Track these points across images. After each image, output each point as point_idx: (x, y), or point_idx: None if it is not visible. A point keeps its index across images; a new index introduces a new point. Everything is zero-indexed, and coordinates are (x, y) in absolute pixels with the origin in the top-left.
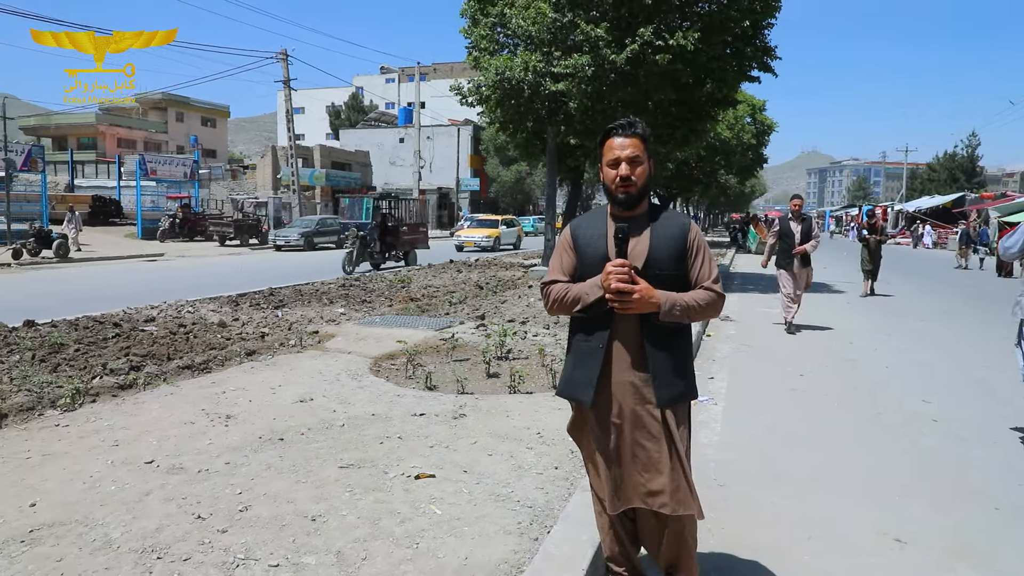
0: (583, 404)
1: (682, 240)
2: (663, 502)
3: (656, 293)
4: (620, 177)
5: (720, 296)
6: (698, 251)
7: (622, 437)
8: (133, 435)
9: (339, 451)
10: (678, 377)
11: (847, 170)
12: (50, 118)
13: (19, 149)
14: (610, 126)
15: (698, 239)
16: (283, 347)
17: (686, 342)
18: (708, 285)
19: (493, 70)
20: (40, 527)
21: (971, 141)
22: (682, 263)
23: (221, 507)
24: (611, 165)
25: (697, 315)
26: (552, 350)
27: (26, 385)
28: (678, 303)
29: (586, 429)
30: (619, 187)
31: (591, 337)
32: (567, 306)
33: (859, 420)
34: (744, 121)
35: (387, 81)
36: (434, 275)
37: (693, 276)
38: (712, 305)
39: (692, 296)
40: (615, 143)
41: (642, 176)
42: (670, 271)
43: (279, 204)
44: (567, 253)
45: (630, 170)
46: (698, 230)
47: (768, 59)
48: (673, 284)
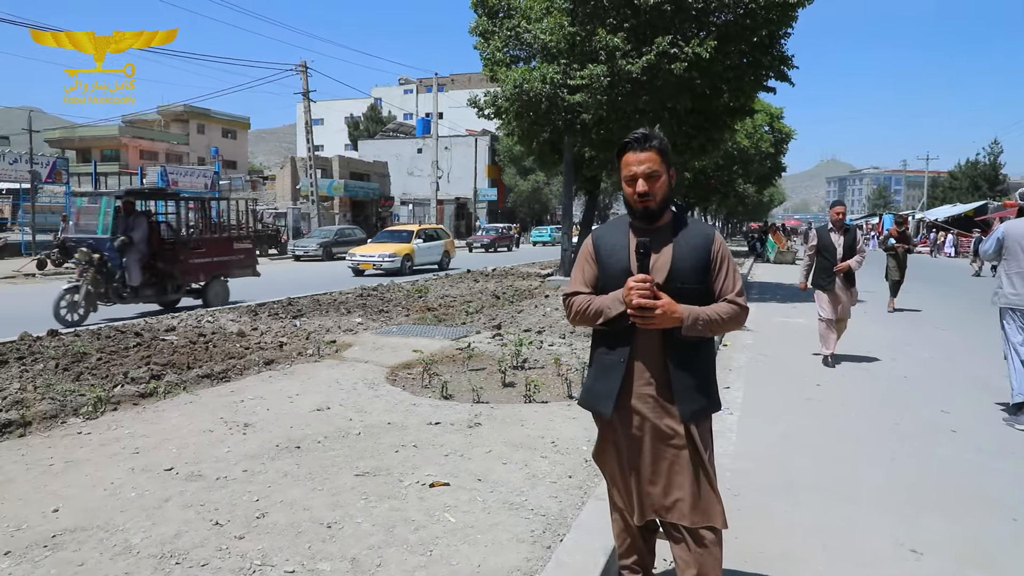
0: (603, 416)
1: (705, 252)
2: (682, 513)
3: (678, 308)
4: (638, 193)
5: (744, 309)
6: (722, 263)
7: (643, 450)
8: (153, 443)
9: (355, 459)
10: (701, 392)
11: (867, 179)
12: (74, 131)
13: (44, 161)
14: (625, 140)
15: (722, 250)
16: (301, 356)
17: (709, 356)
18: (731, 298)
19: (511, 82)
20: (62, 532)
21: (993, 149)
22: (705, 275)
23: (238, 514)
24: (628, 182)
25: (720, 328)
26: (568, 360)
27: (49, 393)
28: (701, 317)
29: (608, 447)
30: (638, 202)
31: (613, 351)
32: (589, 319)
33: (876, 430)
34: (762, 130)
35: (405, 92)
36: (451, 285)
37: (717, 288)
38: (735, 318)
39: (715, 309)
40: (631, 159)
41: (661, 189)
42: (693, 284)
43: (298, 214)
44: (589, 264)
45: (647, 186)
46: (722, 241)
47: (785, 68)
48: (696, 297)
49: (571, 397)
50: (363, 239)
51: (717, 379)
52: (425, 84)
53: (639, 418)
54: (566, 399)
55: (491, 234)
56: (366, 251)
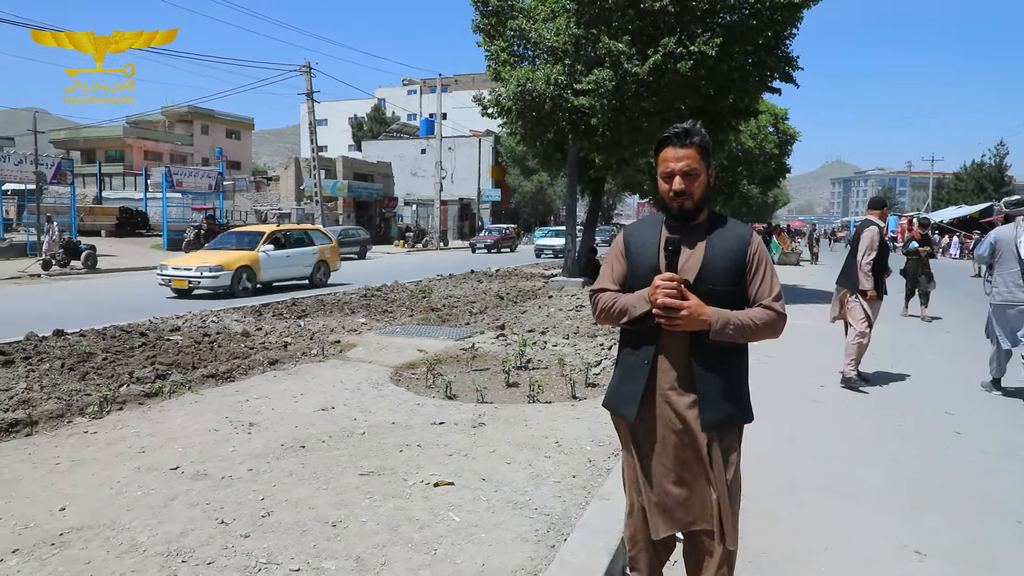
0: (625, 419)
1: (740, 253)
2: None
3: (707, 310)
4: (674, 191)
5: (781, 316)
6: (758, 266)
7: (666, 456)
8: (159, 442)
9: (359, 459)
10: (728, 400)
11: (872, 180)
12: (79, 131)
13: (49, 162)
14: (664, 134)
15: (759, 253)
16: (305, 356)
17: (740, 362)
18: (768, 303)
19: (514, 82)
20: (69, 530)
21: (999, 150)
22: (739, 278)
23: (244, 512)
24: (665, 178)
25: (753, 335)
26: (572, 360)
27: (56, 393)
28: (732, 321)
29: (630, 451)
30: (674, 200)
31: (638, 351)
32: (614, 317)
33: (880, 432)
34: (767, 131)
35: (409, 93)
36: (455, 285)
37: (752, 292)
38: (771, 325)
39: (748, 315)
40: (669, 155)
41: (699, 188)
42: (725, 286)
43: (302, 215)
44: (618, 261)
45: (685, 184)
46: (760, 243)
47: (790, 69)
48: (728, 300)
49: (575, 397)
50: (367, 240)
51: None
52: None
53: (662, 423)
54: (570, 399)
55: (494, 235)
56: (184, 262)
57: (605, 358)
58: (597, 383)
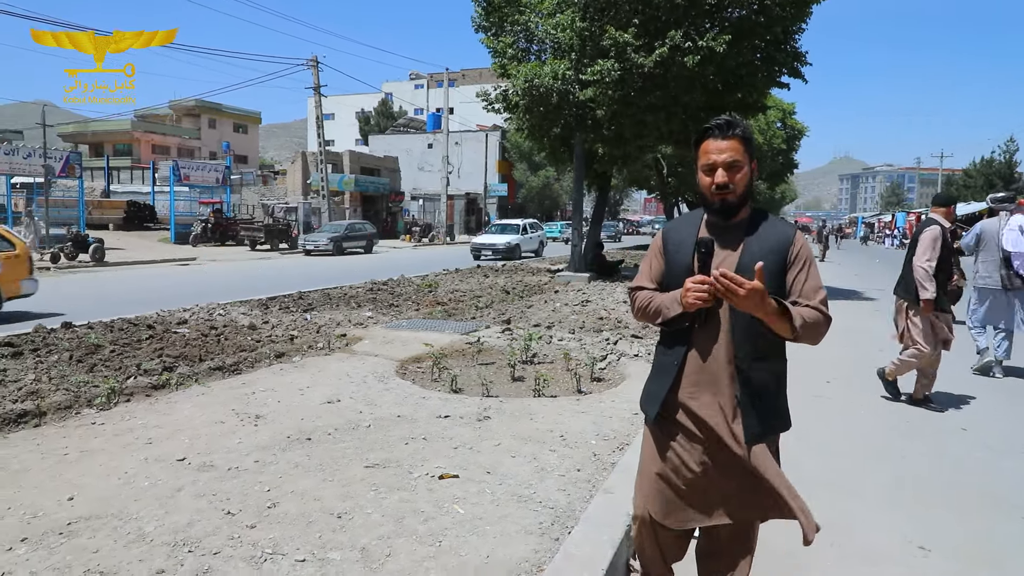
0: (648, 417)
1: (781, 254)
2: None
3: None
4: (716, 184)
5: (827, 318)
6: (803, 266)
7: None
8: (166, 433)
9: (365, 451)
10: (770, 408)
11: (880, 176)
12: (87, 125)
13: (57, 156)
14: (706, 126)
15: (803, 252)
16: (311, 350)
17: (782, 367)
18: (816, 304)
19: (522, 77)
20: (77, 520)
21: (1009, 147)
22: (779, 281)
23: (250, 503)
24: (706, 171)
25: (803, 335)
26: (577, 355)
27: (64, 384)
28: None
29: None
30: (715, 194)
31: (670, 351)
32: (649, 316)
33: (885, 427)
34: (775, 126)
35: (416, 87)
36: (461, 280)
37: (796, 291)
38: (819, 326)
39: (802, 312)
40: (711, 146)
41: (743, 182)
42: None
43: (309, 209)
44: (656, 259)
45: (728, 176)
46: (804, 241)
47: (799, 64)
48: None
49: (580, 392)
50: (373, 234)
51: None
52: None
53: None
54: (575, 393)
55: None
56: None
57: (611, 353)
58: (603, 378)
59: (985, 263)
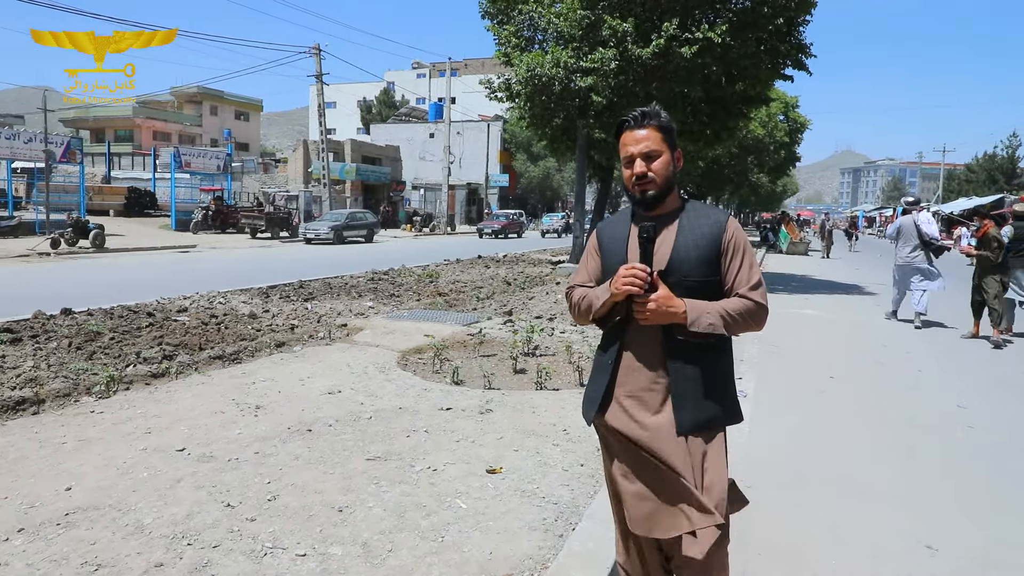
0: (586, 422)
1: (714, 240)
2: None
3: (677, 301)
4: (635, 175)
5: (759, 306)
6: (735, 252)
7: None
8: (165, 423)
9: (366, 443)
10: (708, 400)
11: (882, 170)
12: (88, 111)
13: (58, 141)
14: (622, 118)
15: (736, 238)
16: (312, 339)
17: (721, 359)
18: (744, 292)
19: (524, 66)
20: (75, 511)
21: (1012, 142)
22: (714, 268)
23: (250, 496)
24: (626, 163)
25: (734, 328)
26: (579, 347)
27: (63, 372)
28: (708, 312)
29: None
30: (636, 186)
31: (605, 351)
32: (582, 313)
33: (891, 424)
34: (777, 119)
35: (418, 76)
36: (462, 270)
37: (729, 281)
38: (751, 316)
39: (724, 305)
40: (627, 138)
41: (662, 170)
42: (699, 277)
43: (310, 198)
44: (592, 257)
45: (645, 166)
46: (737, 227)
47: (803, 56)
48: (705, 292)
49: (582, 385)
50: (374, 223)
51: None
52: (438, 68)
53: (627, 426)
54: (577, 386)
55: (501, 220)
56: None
57: None
58: None
59: (903, 248)
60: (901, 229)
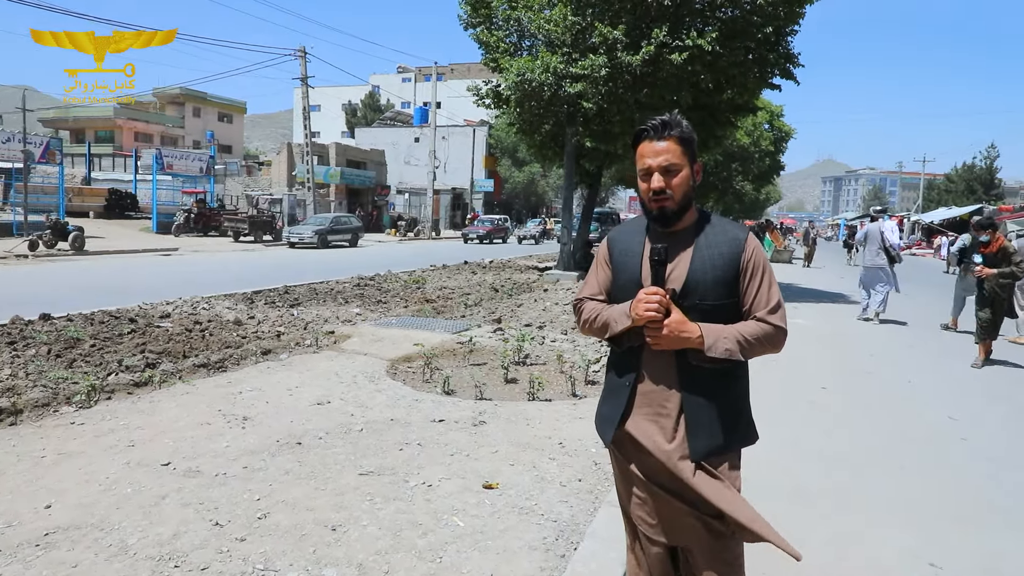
0: (603, 443)
1: (733, 260)
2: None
3: (691, 326)
4: (652, 190)
5: (778, 330)
6: (754, 273)
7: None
8: (149, 435)
9: (358, 457)
10: (723, 425)
11: (863, 179)
12: (69, 111)
13: (38, 141)
14: (640, 127)
15: (755, 257)
16: (299, 347)
17: (737, 383)
18: (762, 316)
19: (514, 71)
20: (55, 530)
21: (990, 153)
22: (731, 290)
23: (239, 513)
24: (643, 176)
25: (748, 352)
26: (571, 356)
27: (42, 380)
28: (725, 338)
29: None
30: (652, 201)
31: (620, 371)
32: (596, 330)
33: (884, 436)
34: (762, 127)
35: (404, 80)
36: (449, 276)
37: (747, 303)
38: (768, 340)
39: (741, 329)
40: (646, 149)
41: (680, 186)
42: (715, 300)
43: (294, 201)
44: (603, 268)
45: (664, 181)
46: (756, 245)
47: (791, 66)
48: (720, 316)
49: (575, 395)
50: (358, 227)
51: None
52: (424, 73)
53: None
54: (570, 397)
55: (486, 225)
56: None
57: (605, 355)
58: (597, 380)
59: (868, 252)
60: (868, 235)
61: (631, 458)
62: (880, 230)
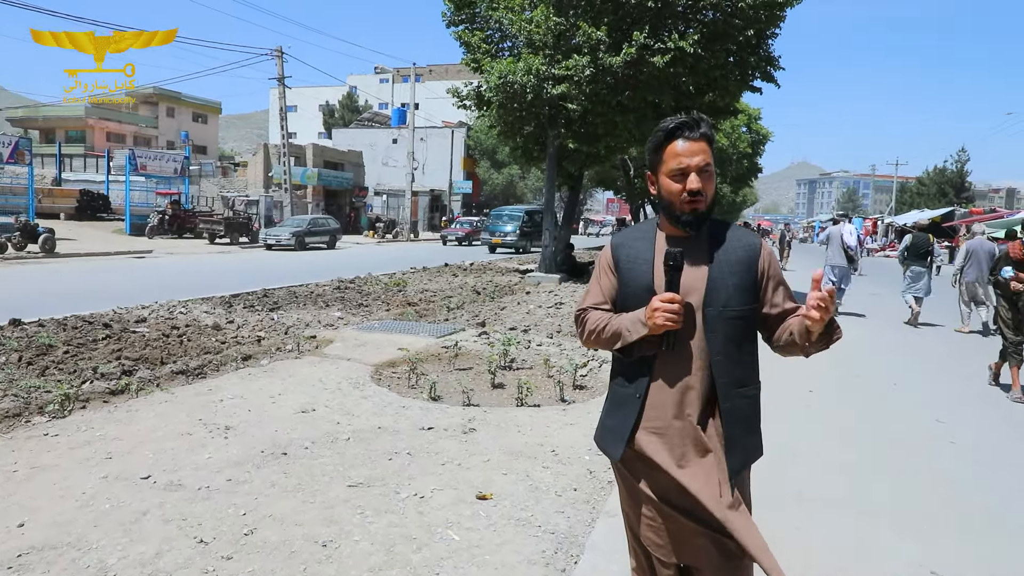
0: (612, 458)
1: (750, 265)
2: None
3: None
4: (689, 191)
5: None
6: (772, 277)
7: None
8: (127, 447)
9: (346, 468)
10: (752, 439)
11: (836, 182)
12: (38, 110)
13: (6, 141)
14: (672, 126)
15: (772, 263)
16: (280, 352)
17: (759, 392)
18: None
19: (496, 73)
20: (29, 551)
21: (960, 156)
22: (752, 295)
23: (224, 530)
24: (676, 176)
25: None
26: (557, 360)
27: (12, 389)
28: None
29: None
30: (687, 203)
31: (630, 381)
32: (604, 341)
33: (874, 441)
34: (740, 130)
35: (381, 81)
36: (430, 279)
37: (775, 310)
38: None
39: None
40: (680, 148)
41: (711, 188)
42: (738, 306)
43: (270, 203)
44: (607, 276)
45: (701, 182)
46: (771, 251)
47: (772, 69)
48: (741, 324)
49: (563, 400)
50: (336, 229)
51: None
52: (402, 74)
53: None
54: (559, 402)
55: (465, 227)
56: None
57: (592, 359)
58: (585, 385)
59: (831, 253)
60: (830, 236)
61: (640, 475)
62: (840, 233)
